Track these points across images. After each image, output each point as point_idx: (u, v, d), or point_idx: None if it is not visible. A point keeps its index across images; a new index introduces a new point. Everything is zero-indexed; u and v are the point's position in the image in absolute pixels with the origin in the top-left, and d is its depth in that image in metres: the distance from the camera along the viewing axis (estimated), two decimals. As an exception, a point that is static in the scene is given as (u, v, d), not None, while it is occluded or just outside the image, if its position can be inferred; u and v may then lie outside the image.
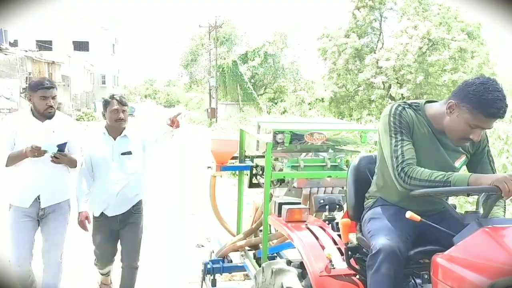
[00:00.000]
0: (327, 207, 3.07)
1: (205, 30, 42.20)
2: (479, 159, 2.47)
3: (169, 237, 6.24)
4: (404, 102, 2.45)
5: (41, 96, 3.51)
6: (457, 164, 2.43)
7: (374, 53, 29.81)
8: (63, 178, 3.68)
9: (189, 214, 7.67)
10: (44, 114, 3.56)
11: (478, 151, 2.47)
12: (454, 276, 1.86)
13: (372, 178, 2.67)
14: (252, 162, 4.56)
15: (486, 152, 2.48)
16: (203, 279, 4.36)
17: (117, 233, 3.90)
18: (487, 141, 2.50)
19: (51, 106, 3.54)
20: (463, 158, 2.44)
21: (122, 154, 3.76)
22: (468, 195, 2.29)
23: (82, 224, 3.78)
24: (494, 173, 2.45)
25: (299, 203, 3.36)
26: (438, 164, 2.35)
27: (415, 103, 2.44)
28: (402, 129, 2.33)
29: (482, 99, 2.13)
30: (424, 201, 2.32)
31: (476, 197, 2.43)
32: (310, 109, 33.44)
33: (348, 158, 4.17)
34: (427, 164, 2.30)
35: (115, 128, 3.77)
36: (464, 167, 2.54)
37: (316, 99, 35.20)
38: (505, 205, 2.41)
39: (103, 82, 48.39)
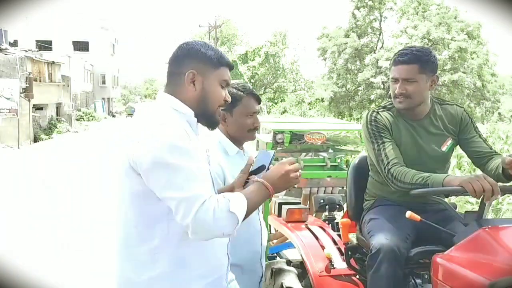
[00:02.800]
0: (327, 207, 3.08)
1: (205, 30, 42.18)
2: (467, 137, 2.47)
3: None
4: (378, 106, 2.56)
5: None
6: (443, 148, 2.45)
7: (374, 53, 29.81)
8: None
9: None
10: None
11: (462, 128, 2.48)
12: (454, 276, 1.86)
13: None
14: (252, 162, 4.56)
15: (473, 128, 2.48)
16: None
17: None
18: (469, 117, 2.51)
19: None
20: (450, 141, 2.46)
21: None
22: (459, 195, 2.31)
23: None
24: (488, 146, 2.45)
25: (299, 203, 3.36)
26: (424, 152, 2.40)
27: (389, 102, 2.53)
28: (380, 133, 2.40)
29: (394, 54, 2.46)
30: (423, 198, 2.32)
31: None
32: (310, 109, 33.50)
33: (348, 158, 4.18)
34: (413, 156, 2.37)
35: (241, 142, 2.45)
36: (462, 153, 2.55)
37: (316, 99, 35.22)
38: None
39: (103, 82, 48.39)
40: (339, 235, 2.78)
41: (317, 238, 2.80)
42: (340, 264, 2.53)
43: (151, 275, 1.61)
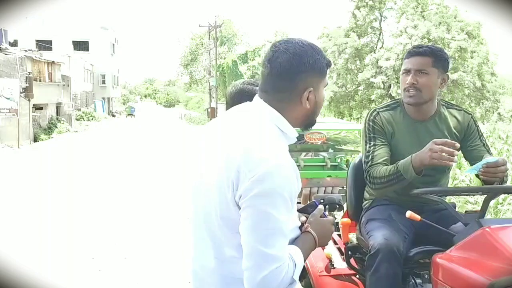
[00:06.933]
0: (327, 206, 3.07)
1: (205, 30, 42.19)
2: (471, 145, 2.45)
3: (169, 238, 6.24)
4: (381, 105, 2.54)
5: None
6: None
7: (374, 52, 29.80)
8: None
9: (190, 214, 7.66)
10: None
11: (467, 136, 2.46)
12: (454, 276, 1.86)
13: None
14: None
15: (478, 137, 2.46)
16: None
17: None
18: (476, 125, 2.49)
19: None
20: None
21: None
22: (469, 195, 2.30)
23: None
24: (490, 154, 2.40)
25: (299, 203, 3.36)
26: None
27: (394, 101, 2.53)
28: (375, 134, 2.42)
29: (407, 50, 2.48)
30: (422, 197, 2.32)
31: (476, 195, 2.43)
32: (310, 108, 33.39)
33: (348, 158, 4.18)
34: None
35: None
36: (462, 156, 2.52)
37: (316, 99, 35.20)
38: None
39: (103, 82, 48.38)
40: (339, 235, 2.78)
41: (317, 238, 2.79)
42: (340, 264, 2.54)
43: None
